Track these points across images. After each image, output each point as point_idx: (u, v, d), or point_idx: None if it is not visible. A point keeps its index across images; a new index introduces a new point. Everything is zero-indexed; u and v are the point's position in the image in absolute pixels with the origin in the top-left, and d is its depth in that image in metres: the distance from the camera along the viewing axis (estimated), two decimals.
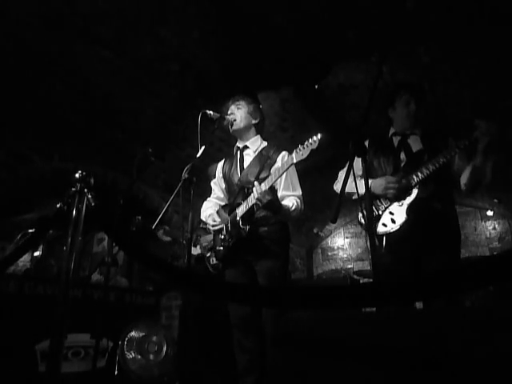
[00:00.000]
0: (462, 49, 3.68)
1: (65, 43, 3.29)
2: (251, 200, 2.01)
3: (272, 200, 1.96)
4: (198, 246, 3.12)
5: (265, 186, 1.93)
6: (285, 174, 2.20)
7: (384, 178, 2.06)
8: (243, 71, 3.92)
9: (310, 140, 1.78)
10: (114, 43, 3.38)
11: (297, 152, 1.82)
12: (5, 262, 1.65)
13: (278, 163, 2.17)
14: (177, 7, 3.15)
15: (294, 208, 2.13)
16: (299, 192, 2.23)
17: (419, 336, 0.79)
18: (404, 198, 1.99)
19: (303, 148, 1.80)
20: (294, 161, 1.83)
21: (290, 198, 2.16)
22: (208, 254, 2.98)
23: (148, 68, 3.72)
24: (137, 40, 3.40)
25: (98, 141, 4.46)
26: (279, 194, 2.13)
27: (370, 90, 1.53)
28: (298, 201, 2.18)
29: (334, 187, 2.34)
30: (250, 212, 2.09)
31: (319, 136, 1.76)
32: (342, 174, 2.29)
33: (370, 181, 2.06)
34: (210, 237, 3.06)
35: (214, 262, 2.93)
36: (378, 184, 2.05)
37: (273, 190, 1.98)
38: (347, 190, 2.19)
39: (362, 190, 1.46)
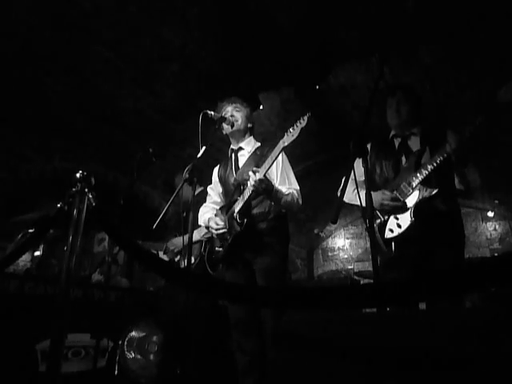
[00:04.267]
0: (463, 49, 3.68)
1: (65, 43, 3.29)
2: (247, 193, 2.03)
3: (267, 186, 1.99)
4: (167, 254, 3.15)
5: (259, 175, 1.94)
6: (280, 169, 2.21)
7: (381, 193, 2.06)
8: (244, 71, 3.92)
9: (300, 120, 1.82)
10: (115, 43, 3.39)
11: (287, 134, 1.85)
12: (5, 262, 1.65)
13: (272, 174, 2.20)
14: (178, 7, 3.15)
15: (288, 192, 2.14)
16: (296, 186, 2.24)
17: (420, 337, 0.79)
18: (399, 213, 1.99)
19: (293, 129, 1.83)
20: (285, 144, 1.86)
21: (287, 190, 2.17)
22: (177, 258, 2.98)
23: (149, 68, 3.73)
24: (138, 40, 3.40)
25: (99, 141, 4.46)
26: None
27: (371, 91, 1.52)
28: (295, 192, 2.19)
29: (345, 199, 2.30)
30: (247, 205, 2.09)
31: (308, 114, 1.80)
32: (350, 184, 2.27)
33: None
34: (178, 240, 3.05)
35: (192, 262, 2.93)
36: (375, 198, 2.04)
37: (267, 178, 2.01)
38: (349, 200, 2.21)
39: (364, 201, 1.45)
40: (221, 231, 2.22)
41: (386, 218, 2.04)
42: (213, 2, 3.16)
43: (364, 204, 1.40)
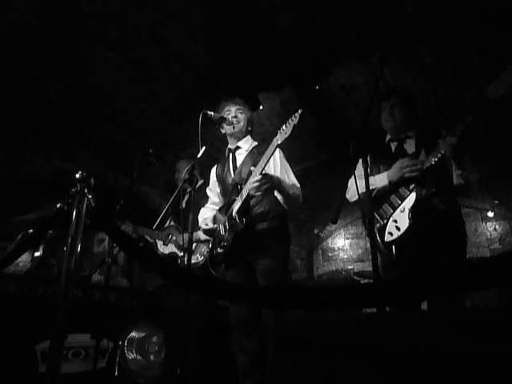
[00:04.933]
0: (463, 49, 3.68)
1: (65, 43, 3.29)
2: (244, 192, 2.03)
3: (272, 179, 2.01)
4: (170, 245, 3.11)
5: (256, 174, 1.96)
6: (279, 167, 2.21)
7: (398, 162, 2.04)
8: (244, 72, 3.92)
9: (292, 117, 1.83)
10: (115, 43, 3.39)
11: (280, 132, 1.87)
12: (4, 261, 1.65)
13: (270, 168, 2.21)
14: (178, 7, 3.15)
15: (291, 183, 2.15)
16: (297, 183, 2.24)
17: (420, 336, 0.79)
18: (420, 180, 1.96)
19: (285, 127, 1.84)
20: (279, 142, 1.87)
21: None
22: (181, 254, 2.98)
23: (149, 68, 3.73)
24: (138, 40, 3.40)
25: (99, 141, 4.46)
26: None
27: (371, 91, 1.53)
28: (296, 186, 2.20)
29: (347, 196, 2.27)
30: (245, 205, 2.09)
31: (299, 111, 1.82)
32: (351, 183, 2.25)
33: (385, 173, 2.07)
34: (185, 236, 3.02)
35: (198, 260, 2.92)
36: (395, 169, 2.03)
37: (265, 174, 2.02)
38: (351, 196, 2.21)
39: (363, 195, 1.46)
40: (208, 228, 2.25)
41: (385, 221, 2.04)
42: (212, 2, 3.16)
43: (362, 195, 1.41)
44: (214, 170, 2.55)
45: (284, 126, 1.85)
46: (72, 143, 4.36)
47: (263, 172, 1.97)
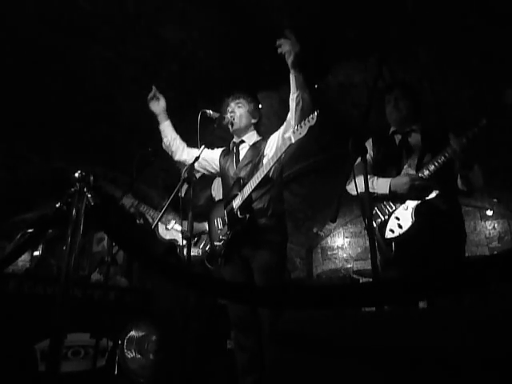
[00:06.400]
0: (462, 48, 3.68)
1: (65, 43, 3.28)
2: (248, 189, 2.04)
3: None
4: (172, 231, 3.04)
5: (262, 173, 1.99)
6: (274, 145, 2.19)
7: (407, 176, 1.98)
8: (243, 71, 3.92)
9: (308, 117, 1.79)
10: (114, 43, 3.38)
11: (294, 132, 1.83)
12: (4, 262, 1.65)
13: (270, 143, 2.21)
14: (177, 7, 3.15)
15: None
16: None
17: (418, 335, 0.79)
18: (427, 195, 1.94)
19: (301, 127, 1.81)
20: (293, 140, 1.85)
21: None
22: (182, 242, 2.95)
23: (148, 68, 3.72)
24: (137, 40, 3.40)
25: (98, 141, 4.45)
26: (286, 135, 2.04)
27: (370, 90, 1.53)
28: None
29: (347, 187, 2.18)
30: (247, 202, 2.09)
31: (316, 113, 1.78)
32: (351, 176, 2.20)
33: (389, 180, 2.04)
34: (197, 226, 2.98)
35: (199, 254, 2.90)
36: (401, 182, 1.98)
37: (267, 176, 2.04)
38: (351, 188, 2.19)
39: (362, 190, 1.46)
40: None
41: (387, 217, 2.03)
42: (212, 1, 3.15)
43: (361, 194, 1.41)
44: (219, 152, 2.51)
45: (299, 126, 1.82)
46: (71, 143, 4.35)
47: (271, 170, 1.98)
